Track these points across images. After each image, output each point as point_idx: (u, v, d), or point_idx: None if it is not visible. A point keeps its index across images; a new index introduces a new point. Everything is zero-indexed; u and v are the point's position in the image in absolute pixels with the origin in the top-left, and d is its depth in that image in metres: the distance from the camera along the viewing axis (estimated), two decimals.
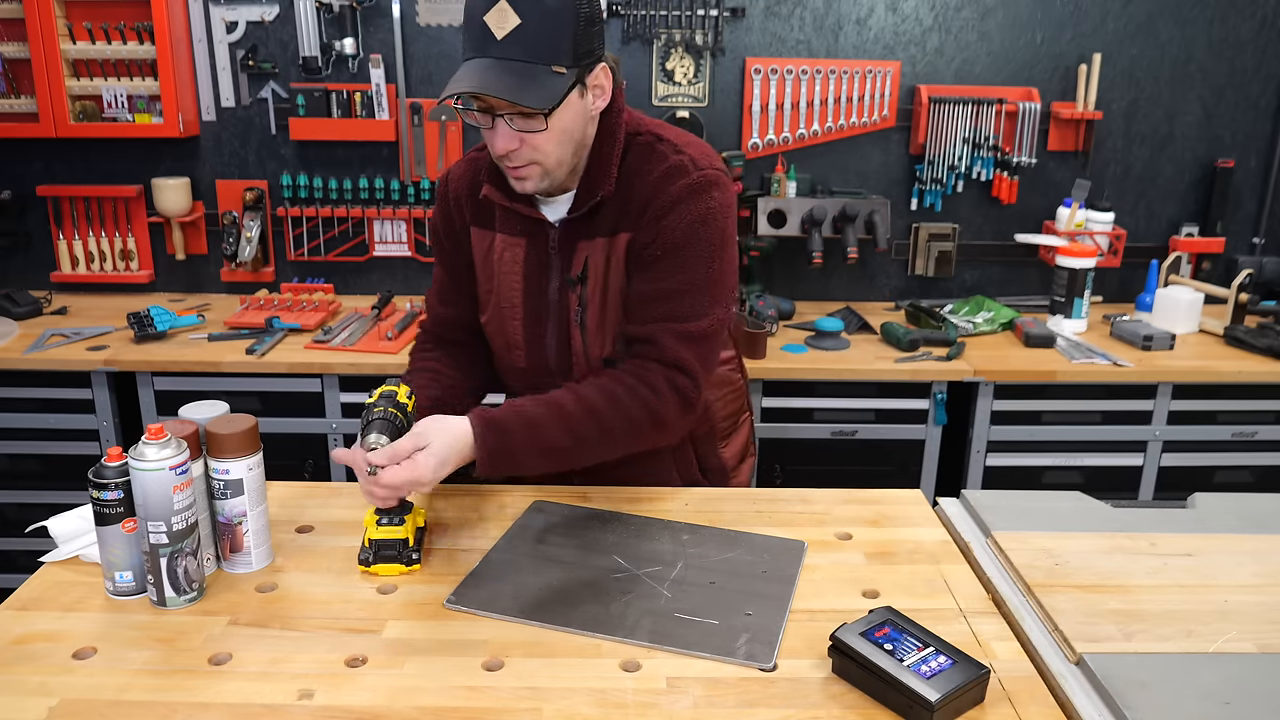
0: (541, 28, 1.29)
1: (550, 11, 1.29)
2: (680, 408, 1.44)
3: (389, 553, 1.31)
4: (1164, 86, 3.07)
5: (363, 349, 2.63)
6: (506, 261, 1.52)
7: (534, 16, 1.28)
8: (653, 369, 1.43)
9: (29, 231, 3.09)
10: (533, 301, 1.52)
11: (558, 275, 1.50)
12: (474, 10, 1.30)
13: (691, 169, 1.44)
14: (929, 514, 1.54)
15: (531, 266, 1.51)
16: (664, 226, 1.43)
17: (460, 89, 1.29)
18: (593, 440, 1.41)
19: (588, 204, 1.45)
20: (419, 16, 2.95)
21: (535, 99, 1.30)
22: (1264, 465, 2.73)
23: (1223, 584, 1.30)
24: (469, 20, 1.32)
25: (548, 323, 1.53)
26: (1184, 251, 3.12)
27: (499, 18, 1.27)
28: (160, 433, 1.19)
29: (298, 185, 3.02)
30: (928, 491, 2.71)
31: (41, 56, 2.78)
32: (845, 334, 2.81)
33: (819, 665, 1.13)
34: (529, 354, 1.56)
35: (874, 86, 3.02)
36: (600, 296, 1.49)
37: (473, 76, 1.29)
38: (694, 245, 1.43)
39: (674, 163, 1.45)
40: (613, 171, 1.44)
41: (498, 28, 1.27)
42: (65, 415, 2.63)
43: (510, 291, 1.53)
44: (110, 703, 1.05)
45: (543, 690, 1.08)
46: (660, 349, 1.43)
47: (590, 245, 1.48)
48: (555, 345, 1.54)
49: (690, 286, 1.44)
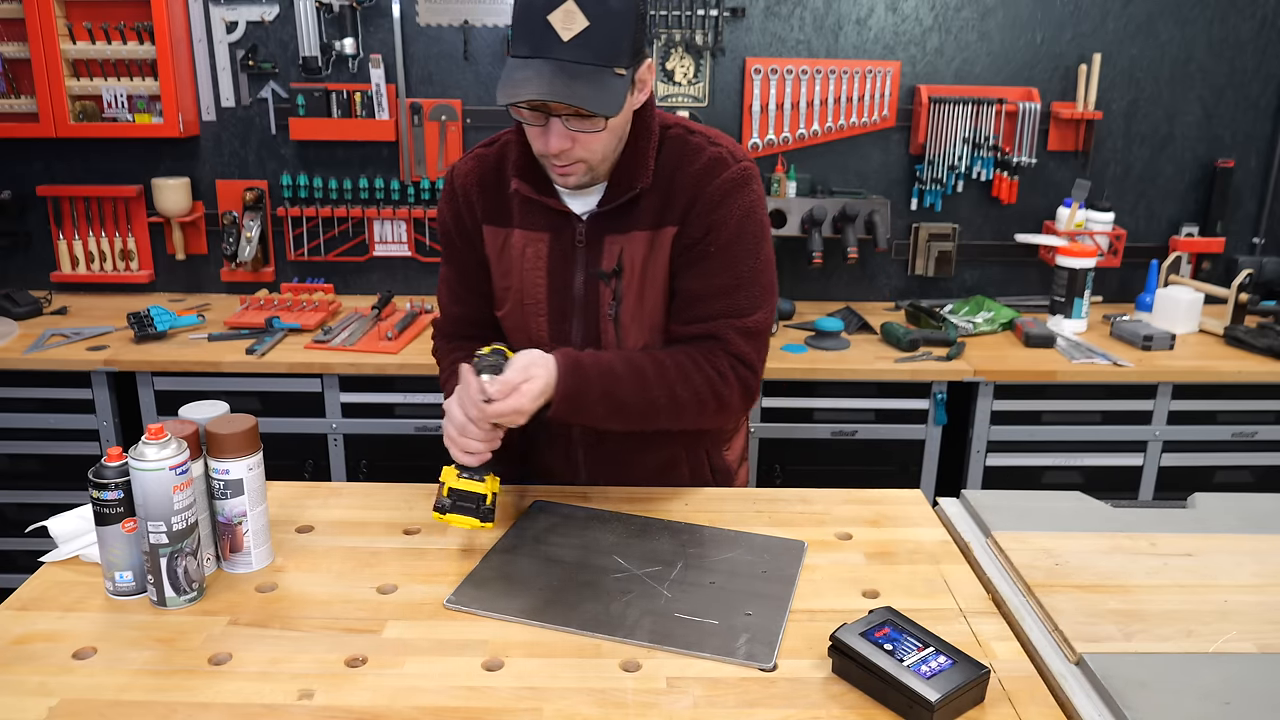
0: (608, 29, 1.26)
1: (616, 13, 1.26)
2: (742, 396, 1.48)
3: (466, 505, 1.32)
4: (1164, 86, 3.07)
5: (363, 349, 2.63)
6: (529, 257, 1.49)
7: (601, 18, 1.25)
8: (719, 355, 1.46)
9: (29, 231, 3.09)
10: (558, 297, 1.50)
11: (583, 269, 1.48)
12: (534, 7, 1.25)
13: (731, 161, 1.45)
14: (929, 514, 1.54)
15: (556, 261, 1.49)
16: (715, 221, 1.43)
17: (531, 95, 1.25)
18: (661, 407, 1.43)
19: (623, 197, 1.44)
20: (419, 16, 2.95)
21: (605, 105, 1.27)
22: (1264, 465, 2.73)
23: (1223, 584, 1.30)
24: (527, 17, 1.26)
25: (573, 318, 1.51)
26: (1184, 251, 3.12)
27: (565, 19, 1.23)
28: (160, 433, 1.19)
29: (298, 185, 3.02)
30: (928, 491, 2.71)
31: (41, 56, 2.78)
32: (845, 334, 2.81)
33: (819, 665, 1.13)
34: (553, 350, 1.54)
35: (874, 86, 3.02)
36: (638, 290, 1.48)
37: (541, 82, 1.25)
38: (744, 239, 1.45)
39: (713, 155, 1.45)
40: (650, 164, 1.43)
41: (564, 29, 1.23)
42: (65, 415, 2.63)
43: (534, 287, 1.51)
44: (110, 703, 1.05)
45: (543, 690, 1.08)
46: (725, 343, 1.46)
47: (624, 239, 1.46)
48: (581, 341, 1.52)
49: (743, 280, 1.46)
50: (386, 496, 1.56)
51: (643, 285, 1.48)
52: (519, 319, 1.55)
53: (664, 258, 1.47)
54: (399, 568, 1.34)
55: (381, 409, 2.64)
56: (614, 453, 1.59)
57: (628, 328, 1.50)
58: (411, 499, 1.54)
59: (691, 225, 1.44)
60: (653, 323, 1.51)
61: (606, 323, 1.50)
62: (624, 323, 1.49)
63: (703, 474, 1.65)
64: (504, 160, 1.50)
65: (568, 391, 1.36)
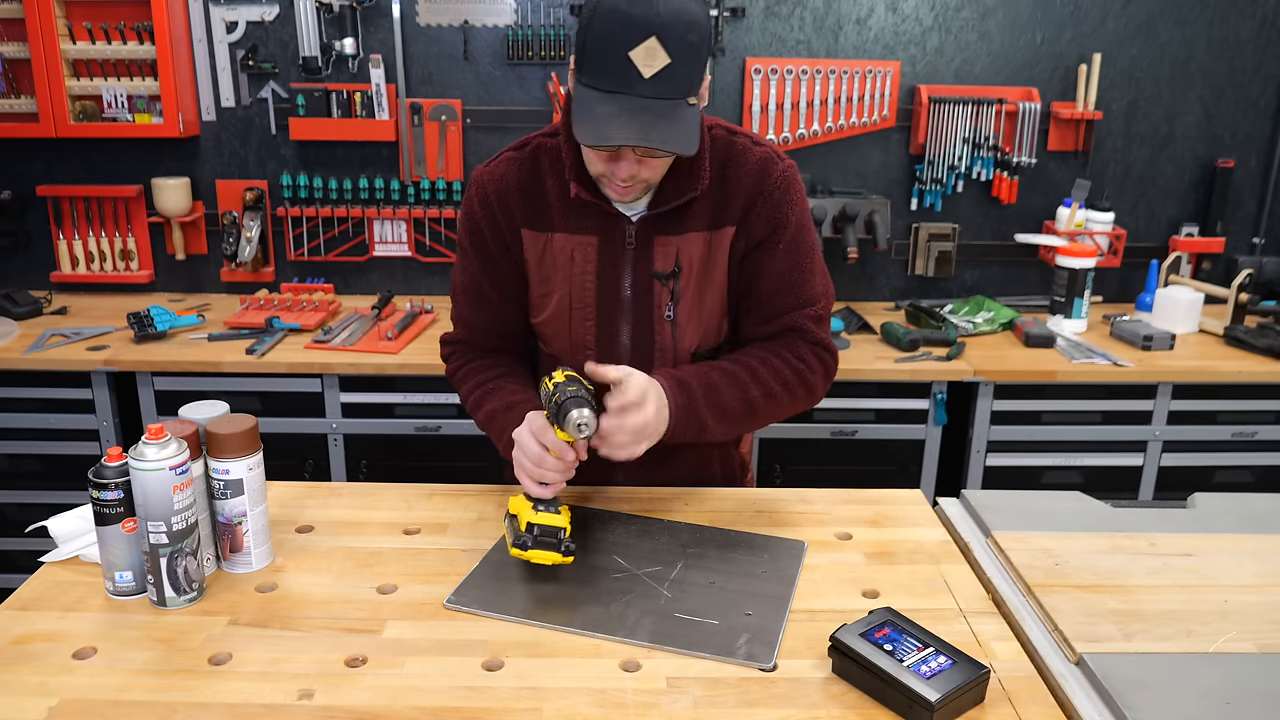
0: (687, 64, 1.25)
1: (694, 47, 1.25)
2: (824, 378, 1.53)
3: (548, 540, 1.27)
4: (1164, 86, 3.07)
5: (363, 349, 2.63)
6: (578, 261, 1.47)
7: (682, 53, 1.23)
8: (800, 344, 1.50)
9: (29, 231, 3.09)
10: (606, 300, 1.48)
11: (632, 271, 1.47)
12: (613, 42, 1.22)
13: (778, 160, 1.48)
14: (929, 514, 1.54)
15: (605, 264, 1.47)
16: (779, 219, 1.47)
17: (622, 141, 1.24)
18: (759, 406, 1.45)
19: (680, 199, 1.43)
20: (419, 16, 2.95)
21: (687, 143, 1.28)
22: (1264, 465, 2.73)
23: (1223, 584, 1.30)
24: (606, 50, 1.23)
25: (621, 321, 1.50)
26: (1184, 251, 3.12)
27: (648, 56, 1.21)
28: (160, 433, 1.19)
29: (298, 185, 3.02)
30: (928, 491, 2.71)
31: (41, 56, 2.78)
32: (845, 334, 2.81)
33: (819, 665, 1.13)
34: (600, 354, 1.50)
35: (874, 86, 3.02)
36: (696, 290, 1.49)
37: (627, 123, 1.24)
38: (804, 233, 1.50)
39: (761, 155, 1.47)
40: (706, 168, 1.44)
41: (646, 66, 1.22)
42: (65, 415, 2.63)
43: (583, 291, 1.48)
44: (110, 703, 1.05)
45: (543, 690, 1.08)
46: (803, 333, 1.51)
47: (679, 240, 1.46)
48: (630, 343, 1.51)
49: (808, 272, 1.50)
50: (386, 496, 1.56)
51: (702, 285, 1.49)
52: (563, 324, 1.52)
53: (722, 257, 1.48)
54: (399, 568, 1.34)
55: (381, 409, 2.64)
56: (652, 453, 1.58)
57: (684, 327, 1.50)
58: (411, 499, 1.54)
59: (753, 225, 1.47)
60: (708, 323, 1.52)
61: (662, 324, 1.49)
62: (680, 322, 1.50)
63: (731, 469, 1.68)
64: (538, 164, 1.48)
65: (680, 407, 1.37)
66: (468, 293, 1.56)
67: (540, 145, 1.49)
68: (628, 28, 1.21)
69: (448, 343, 1.63)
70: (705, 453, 1.63)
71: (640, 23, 1.21)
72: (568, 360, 1.53)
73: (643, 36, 1.21)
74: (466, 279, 1.56)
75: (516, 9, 2.94)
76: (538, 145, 1.49)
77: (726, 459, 1.67)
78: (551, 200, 1.47)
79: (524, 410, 1.40)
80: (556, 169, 1.46)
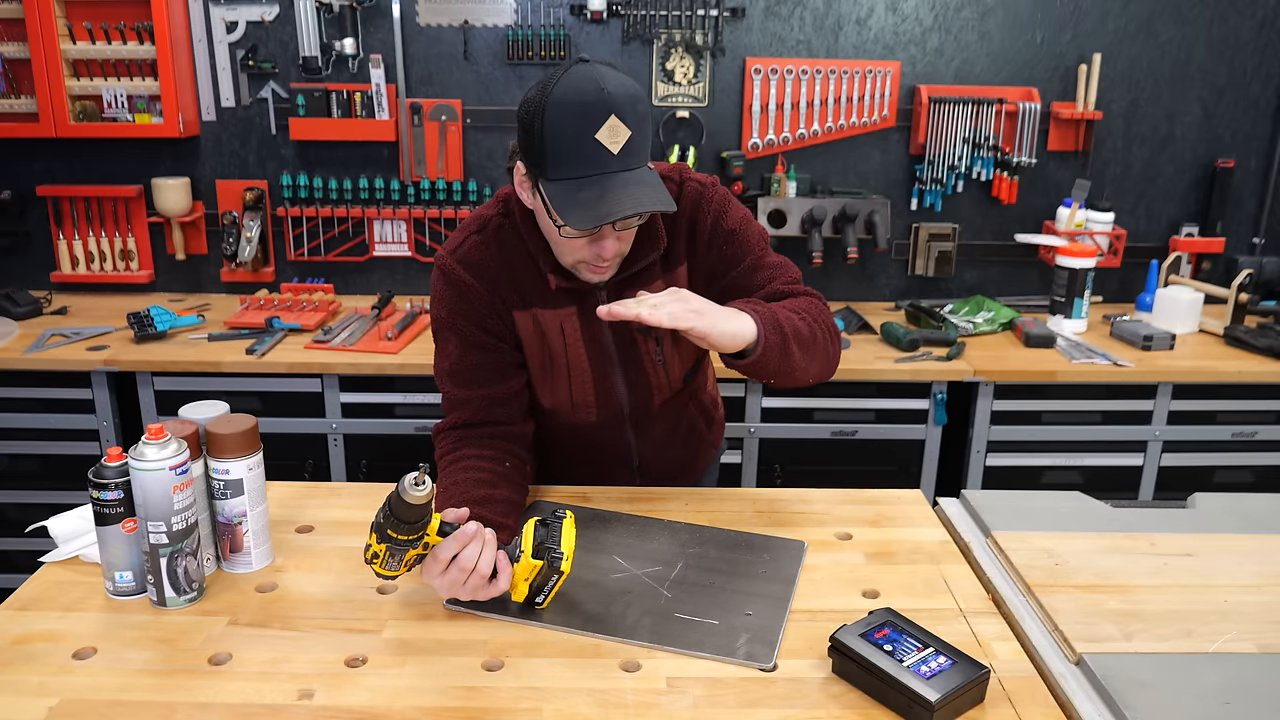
0: (642, 133, 1.31)
1: (644, 116, 1.31)
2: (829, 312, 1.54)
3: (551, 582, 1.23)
4: (1164, 86, 3.07)
5: (363, 349, 2.63)
6: (568, 332, 1.50)
7: (638, 124, 1.30)
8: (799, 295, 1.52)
9: (29, 231, 3.09)
10: (597, 361, 1.53)
11: (612, 330, 1.51)
12: (577, 131, 1.27)
13: (699, 185, 1.51)
14: (929, 514, 1.54)
15: (587, 329, 1.51)
16: (720, 236, 1.50)
17: (629, 211, 1.27)
18: (820, 337, 1.46)
19: (645, 262, 1.47)
20: (419, 16, 2.95)
21: (667, 199, 1.32)
22: (1264, 465, 2.73)
23: (1223, 584, 1.30)
24: (572, 139, 1.27)
25: (614, 376, 1.55)
26: (1184, 251, 3.12)
27: (612, 134, 1.27)
28: (160, 433, 1.19)
29: (298, 185, 3.02)
30: (928, 491, 2.71)
31: (41, 56, 2.78)
32: (845, 334, 2.81)
33: (819, 665, 1.13)
34: (601, 408, 1.56)
35: (874, 86, 3.02)
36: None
37: (622, 197, 1.28)
38: (745, 225, 1.52)
39: (688, 192, 1.50)
40: (662, 230, 1.48)
41: (612, 143, 1.28)
42: (65, 415, 2.63)
43: (578, 358, 1.52)
44: (110, 703, 1.05)
45: (543, 690, 1.08)
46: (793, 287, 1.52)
47: (643, 289, 1.46)
48: (626, 389, 1.56)
49: (765, 251, 1.54)
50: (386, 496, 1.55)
51: None
52: (562, 391, 1.55)
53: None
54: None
55: (381, 409, 2.64)
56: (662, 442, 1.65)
57: (671, 363, 1.56)
58: None
59: (703, 255, 1.51)
60: (689, 352, 1.58)
61: (654, 367, 1.54)
62: (666, 355, 1.55)
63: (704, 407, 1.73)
64: (504, 245, 1.49)
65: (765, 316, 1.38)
66: (455, 376, 1.51)
67: (499, 225, 1.49)
68: (587, 114, 1.26)
69: (440, 432, 1.53)
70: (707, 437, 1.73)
71: (598, 106, 1.26)
72: (563, 419, 1.57)
73: (603, 117, 1.26)
74: (451, 363, 1.51)
75: (516, 9, 2.94)
76: (497, 225, 1.49)
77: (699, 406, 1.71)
78: (524, 279, 1.49)
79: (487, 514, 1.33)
80: (520, 249, 1.48)
